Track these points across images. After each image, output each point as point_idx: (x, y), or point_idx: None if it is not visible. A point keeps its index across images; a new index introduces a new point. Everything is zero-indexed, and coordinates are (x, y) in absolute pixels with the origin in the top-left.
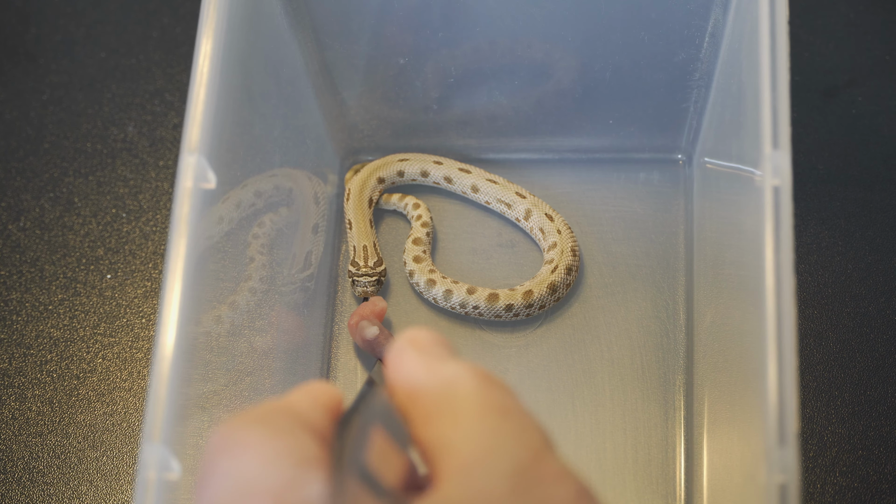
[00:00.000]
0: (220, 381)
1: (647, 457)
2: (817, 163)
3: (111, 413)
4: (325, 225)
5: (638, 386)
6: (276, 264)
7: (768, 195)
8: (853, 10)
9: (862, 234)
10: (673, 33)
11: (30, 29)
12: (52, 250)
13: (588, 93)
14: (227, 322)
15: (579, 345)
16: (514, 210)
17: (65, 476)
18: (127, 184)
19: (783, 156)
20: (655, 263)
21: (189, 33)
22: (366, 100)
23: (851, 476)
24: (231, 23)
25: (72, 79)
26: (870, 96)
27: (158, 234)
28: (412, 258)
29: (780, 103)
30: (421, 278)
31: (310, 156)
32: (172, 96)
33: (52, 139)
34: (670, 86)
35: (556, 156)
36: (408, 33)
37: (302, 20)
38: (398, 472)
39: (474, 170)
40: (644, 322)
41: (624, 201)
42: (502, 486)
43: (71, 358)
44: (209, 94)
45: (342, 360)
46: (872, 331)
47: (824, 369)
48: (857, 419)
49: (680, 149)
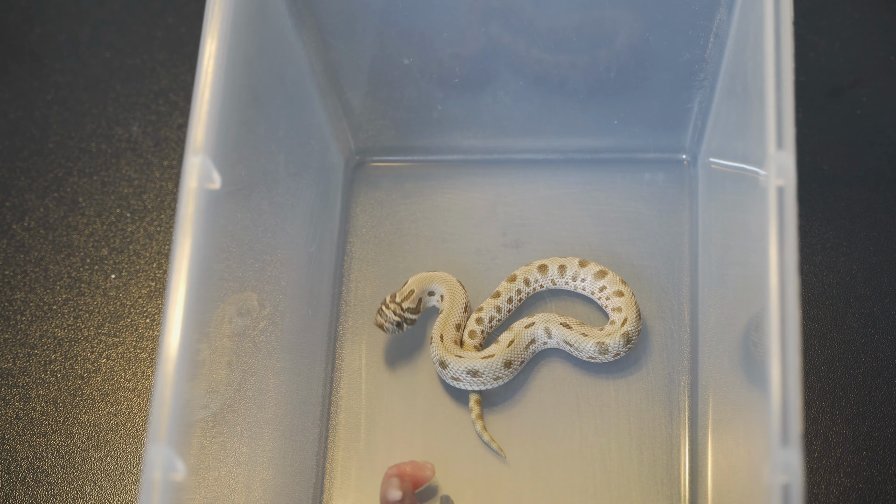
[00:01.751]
0: (224, 381)
1: (651, 457)
2: (822, 163)
3: (115, 413)
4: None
5: (643, 386)
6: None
7: (772, 195)
8: (858, 10)
9: (867, 234)
10: (677, 34)
11: (34, 28)
12: (56, 250)
13: (593, 93)
14: (231, 322)
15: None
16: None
17: (69, 476)
18: (131, 184)
19: (787, 156)
20: (660, 264)
21: (194, 33)
22: (370, 100)
23: (856, 477)
24: (236, 23)
25: (76, 78)
26: (875, 97)
27: (163, 234)
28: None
29: (784, 103)
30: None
31: (314, 156)
32: (177, 96)
33: (57, 139)
34: (675, 86)
35: (561, 156)
36: (412, 33)
37: (306, 20)
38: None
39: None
40: (649, 322)
41: (629, 201)
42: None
43: (75, 358)
44: (214, 95)
45: (347, 361)
46: (877, 331)
47: (829, 370)
48: (862, 420)
49: (685, 149)
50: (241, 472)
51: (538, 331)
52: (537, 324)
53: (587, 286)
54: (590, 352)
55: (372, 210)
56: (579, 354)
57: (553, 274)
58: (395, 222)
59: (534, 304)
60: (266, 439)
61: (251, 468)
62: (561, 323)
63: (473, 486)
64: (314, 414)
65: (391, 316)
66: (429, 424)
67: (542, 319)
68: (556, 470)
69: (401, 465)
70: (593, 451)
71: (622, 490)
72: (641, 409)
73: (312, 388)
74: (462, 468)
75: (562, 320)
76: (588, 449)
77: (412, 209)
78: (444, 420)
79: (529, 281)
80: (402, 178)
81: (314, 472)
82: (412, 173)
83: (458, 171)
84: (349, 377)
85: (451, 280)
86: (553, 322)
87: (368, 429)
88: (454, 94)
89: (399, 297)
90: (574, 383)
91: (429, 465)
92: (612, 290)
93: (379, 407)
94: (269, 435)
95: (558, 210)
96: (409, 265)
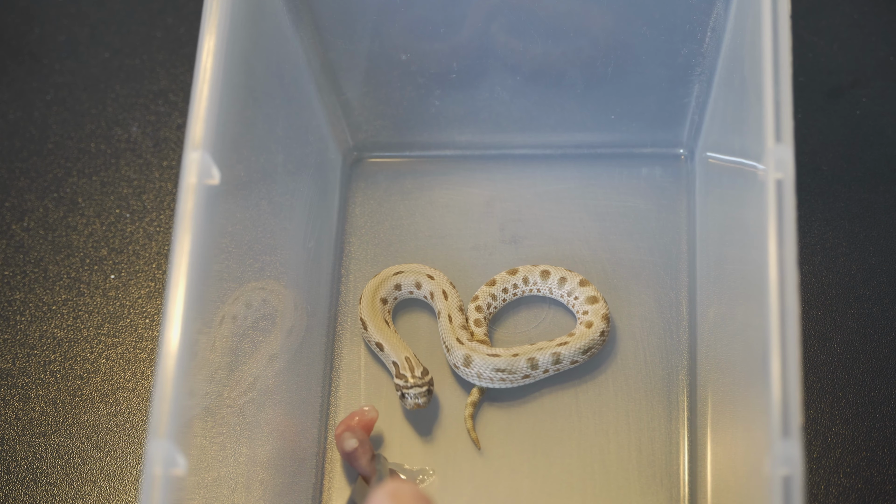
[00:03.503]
0: (224, 379)
1: (650, 454)
2: (821, 164)
3: (115, 413)
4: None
5: (641, 383)
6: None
7: (771, 189)
8: (857, 10)
9: (866, 235)
10: (674, 28)
11: (34, 29)
12: (55, 250)
13: (590, 88)
14: (231, 320)
15: None
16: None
17: (68, 476)
18: (131, 184)
19: (786, 149)
20: (658, 259)
21: (193, 33)
22: (368, 97)
23: (855, 477)
24: (234, 20)
25: (75, 79)
26: (874, 97)
27: (162, 234)
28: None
29: (782, 97)
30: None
31: (312, 153)
32: (176, 97)
33: (56, 139)
34: (672, 80)
35: (559, 151)
36: (409, 30)
37: (304, 17)
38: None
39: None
40: (647, 318)
41: (626, 197)
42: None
43: (74, 358)
44: (213, 91)
45: (346, 361)
46: (876, 332)
47: (828, 370)
48: (861, 420)
49: (682, 144)
50: (240, 473)
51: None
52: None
53: (577, 306)
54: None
55: (369, 207)
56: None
57: (552, 283)
58: (393, 219)
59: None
60: (265, 439)
61: (250, 468)
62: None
63: (472, 484)
64: (313, 414)
65: (419, 392)
66: (428, 424)
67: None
68: (556, 468)
69: (346, 419)
70: (592, 448)
71: (622, 486)
72: (640, 405)
73: (312, 388)
74: (461, 467)
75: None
76: (587, 447)
77: (410, 205)
78: (443, 420)
79: (528, 280)
80: (400, 175)
81: (314, 473)
82: (410, 170)
83: (456, 167)
84: (348, 377)
85: (440, 276)
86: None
87: None
88: (451, 89)
89: (407, 372)
90: (573, 380)
91: (371, 407)
92: (591, 314)
93: (378, 407)
94: (268, 435)
95: (555, 205)
96: (406, 261)
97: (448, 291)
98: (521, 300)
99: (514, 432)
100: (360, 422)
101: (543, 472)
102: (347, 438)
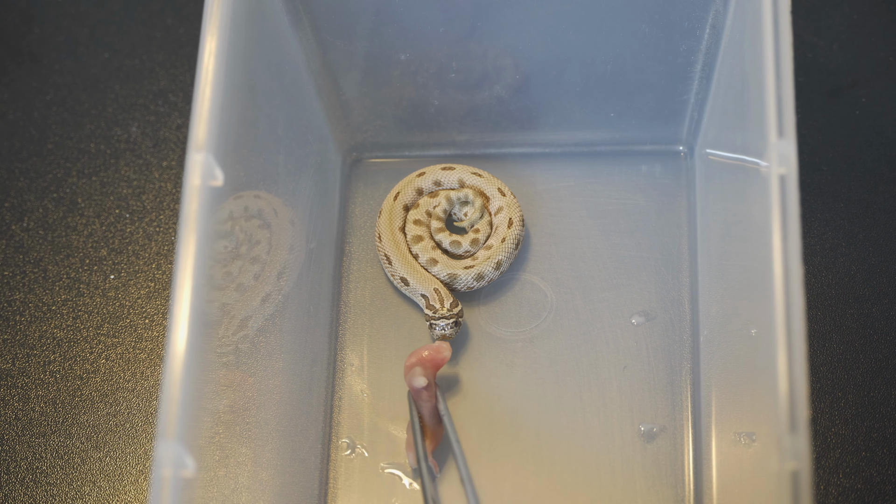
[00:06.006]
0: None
1: (655, 452)
2: (821, 164)
3: (114, 413)
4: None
5: (644, 381)
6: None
7: (774, 184)
8: (857, 11)
9: (866, 235)
10: (674, 25)
11: (33, 29)
12: (55, 251)
13: (589, 86)
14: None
15: (585, 339)
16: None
17: (68, 476)
18: (130, 184)
19: (789, 144)
20: (659, 255)
21: (192, 34)
22: (367, 96)
23: (855, 477)
24: (235, 21)
25: (75, 79)
26: (873, 97)
27: (162, 234)
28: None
29: (784, 93)
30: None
31: (312, 154)
32: (176, 97)
33: (56, 140)
34: (671, 77)
35: (559, 149)
36: (408, 29)
37: (303, 18)
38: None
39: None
40: (649, 315)
41: (626, 194)
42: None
43: (74, 358)
44: (215, 92)
45: (348, 360)
46: (876, 332)
47: (828, 371)
48: (861, 421)
49: (681, 140)
50: (241, 473)
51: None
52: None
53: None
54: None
55: (370, 206)
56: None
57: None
58: None
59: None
60: (267, 440)
61: (253, 469)
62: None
63: (477, 481)
64: (315, 415)
65: (447, 323)
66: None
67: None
68: (560, 467)
69: (418, 352)
70: (597, 443)
71: (627, 481)
72: (644, 403)
73: (313, 389)
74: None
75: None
76: (592, 441)
77: None
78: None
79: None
80: (400, 175)
81: (317, 473)
82: (410, 170)
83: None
84: (350, 377)
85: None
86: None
87: (370, 429)
88: (451, 89)
89: (437, 303)
90: (577, 376)
91: (446, 346)
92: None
93: (380, 407)
94: (269, 435)
95: (556, 203)
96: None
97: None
98: (522, 296)
99: (518, 431)
100: (430, 357)
101: (548, 470)
102: (417, 375)
